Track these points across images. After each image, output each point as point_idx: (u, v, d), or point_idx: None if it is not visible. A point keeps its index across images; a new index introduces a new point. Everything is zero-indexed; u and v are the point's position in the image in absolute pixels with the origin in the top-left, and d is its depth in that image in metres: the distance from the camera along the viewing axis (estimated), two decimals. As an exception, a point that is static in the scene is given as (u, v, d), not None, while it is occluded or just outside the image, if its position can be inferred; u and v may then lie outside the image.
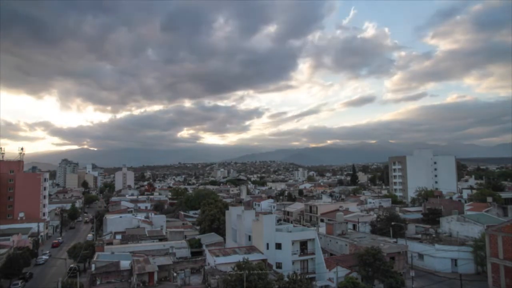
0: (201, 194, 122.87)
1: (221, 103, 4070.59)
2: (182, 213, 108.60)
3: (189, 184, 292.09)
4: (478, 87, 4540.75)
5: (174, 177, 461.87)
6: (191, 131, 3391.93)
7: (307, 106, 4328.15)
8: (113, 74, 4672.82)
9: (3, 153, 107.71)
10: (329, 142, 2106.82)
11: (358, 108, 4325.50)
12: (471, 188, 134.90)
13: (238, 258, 44.74)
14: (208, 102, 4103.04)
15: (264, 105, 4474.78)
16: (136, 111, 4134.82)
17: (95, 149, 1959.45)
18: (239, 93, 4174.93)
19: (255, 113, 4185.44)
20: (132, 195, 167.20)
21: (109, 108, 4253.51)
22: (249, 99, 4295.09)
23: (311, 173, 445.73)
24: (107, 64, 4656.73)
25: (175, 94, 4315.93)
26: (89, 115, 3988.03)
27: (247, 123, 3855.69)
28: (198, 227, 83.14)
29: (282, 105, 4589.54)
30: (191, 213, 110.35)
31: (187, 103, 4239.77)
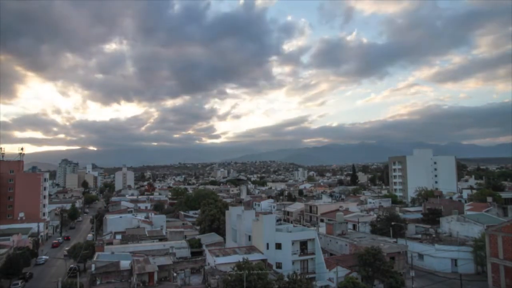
0: (201, 194, 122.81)
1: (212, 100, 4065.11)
2: (182, 213, 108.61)
3: (189, 184, 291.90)
4: (478, 87, 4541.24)
5: (174, 177, 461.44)
6: (185, 132, 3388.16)
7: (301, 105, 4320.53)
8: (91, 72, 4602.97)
9: (3, 153, 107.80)
10: (329, 142, 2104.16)
11: (357, 107, 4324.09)
12: (471, 188, 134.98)
13: (238, 258, 44.73)
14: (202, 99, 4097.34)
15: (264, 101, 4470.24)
16: (127, 110, 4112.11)
17: (95, 149, 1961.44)
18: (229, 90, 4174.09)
19: (251, 110, 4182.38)
20: (132, 195, 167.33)
21: (93, 107, 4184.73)
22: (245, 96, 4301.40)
23: (311, 173, 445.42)
24: (82, 60, 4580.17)
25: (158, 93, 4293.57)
26: (76, 114, 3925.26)
27: (242, 120, 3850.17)
28: (198, 227, 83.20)
29: (275, 102, 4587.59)
30: (191, 213, 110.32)
31: (177, 101, 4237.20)
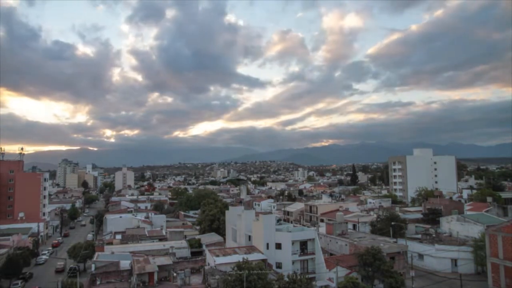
0: (201, 194, 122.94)
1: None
2: (182, 213, 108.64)
3: (189, 184, 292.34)
4: (478, 88, 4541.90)
5: (174, 177, 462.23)
6: (179, 132, 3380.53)
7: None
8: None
9: (3, 153, 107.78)
10: (329, 142, 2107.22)
11: (356, 106, 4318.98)
12: (471, 188, 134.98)
13: (238, 258, 44.68)
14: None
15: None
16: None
17: (95, 149, 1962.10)
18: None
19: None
20: (132, 195, 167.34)
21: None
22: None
23: (311, 173, 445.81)
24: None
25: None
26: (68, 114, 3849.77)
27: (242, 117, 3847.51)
28: (198, 227, 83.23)
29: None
30: (191, 213, 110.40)
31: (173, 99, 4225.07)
